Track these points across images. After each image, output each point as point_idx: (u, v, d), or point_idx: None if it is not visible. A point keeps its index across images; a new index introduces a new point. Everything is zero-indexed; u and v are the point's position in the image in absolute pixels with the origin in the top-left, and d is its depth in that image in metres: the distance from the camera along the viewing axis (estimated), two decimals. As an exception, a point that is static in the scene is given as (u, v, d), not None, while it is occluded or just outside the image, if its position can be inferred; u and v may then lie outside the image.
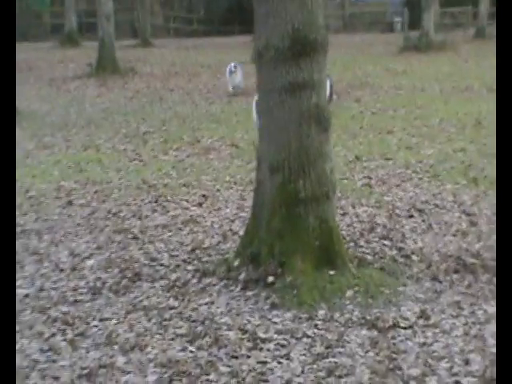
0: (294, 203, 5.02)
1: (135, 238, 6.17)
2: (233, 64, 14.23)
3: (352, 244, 5.68)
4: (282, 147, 5.06)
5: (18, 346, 4.24)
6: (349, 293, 4.75)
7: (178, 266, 5.47)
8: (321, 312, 4.56)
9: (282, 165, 5.05)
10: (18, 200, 7.45)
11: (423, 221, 6.34)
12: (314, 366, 3.93)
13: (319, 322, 4.44)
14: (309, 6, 5.00)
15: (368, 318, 4.45)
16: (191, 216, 6.75)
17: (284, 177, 5.04)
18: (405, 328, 4.31)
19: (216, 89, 15.49)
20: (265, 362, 4.00)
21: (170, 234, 6.26)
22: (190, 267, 5.41)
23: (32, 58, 21.97)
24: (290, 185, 5.03)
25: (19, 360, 4.08)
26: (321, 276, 4.89)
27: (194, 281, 5.14)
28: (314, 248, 4.99)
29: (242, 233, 5.88)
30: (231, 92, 14.29)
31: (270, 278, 4.88)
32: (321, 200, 5.06)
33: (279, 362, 4.00)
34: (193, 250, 5.78)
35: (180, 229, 6.39)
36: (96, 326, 4.49)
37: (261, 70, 5.19)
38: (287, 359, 4.03)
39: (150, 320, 4.56)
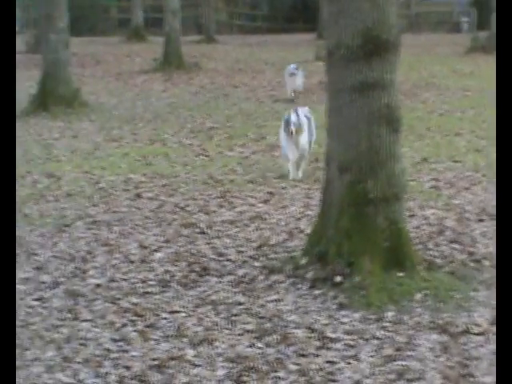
0: (363, 203, 5.00)
1: (202, 232, 6.22)
2: (292, 66, 13.47)
3: (420, 246, 5.61)
4: (352, 147, 5.04)
5: (91, 335, 4.34)
6: (418, 296, 4.71)
7: (244, 261, 5.50)
8: (389, 314, 4.52)
9: (351, 164, 5.03)
10: (89, 191, 7.62)
11: (494, 225, 6.23)
12: (384, 369, 3.90)
13: (388, 324, 4.41)
14: (381, 4, 4.96)
15: (438, 322, 4.39)
16: (257, 213, 6.78)
17: (353, 176, 5.02)
18: (477, 334, 4.24)
19: (280, 86, 15.47)
20: (333, 362, 3.98)
21: (236, 229, 6.30)
22: (256, 264, 5.43)
23: (100, 52, 22.34)
24: (360, 185, 5.00)
25: (92, 348, 4.18)
26: (389, 277, 4.85)
27: (261, 277, 5.16)
28: (382, 249, 4.96)
29: (308, 231, 5.87)
30: (290, 96, 13.47)
31: (338, 278, 4.87)
32: (390, 201, 5.03)
33: (348, 363, 3.98)
34: (259, 247, 5.80)
35: (246, 225, 6.43)
36: (165, 319, 4.55)
37: (330, 69, 5.18)
38: (356, 360, 4.01)
39: (218, 314, 4.60)
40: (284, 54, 21.87)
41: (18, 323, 4.52)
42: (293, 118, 7.85)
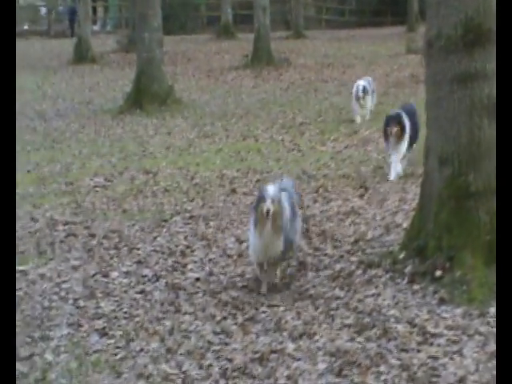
0: (463, 196, 4.90)
1: (298, 227, 6.23)
2: (361, 86, 10.89)
3: (523, 241, 5.45)
4: (452, 139, 4.95)
5: (193, 327, 4.41)
6: (522, 291, 4.57)
7: (341, 256, 5.48)
8: (493, 309, 4.41)
9: (451, 157, 4.93)
10: (185, 187, 7.75)
11: None
12: (489, 365, 3.81)
13: (492, 320, 4.30)
14: (483, -7, 4.86)
15: (545, 318, 4.26)
16: (352, 207, 6.74)
17: (453, 169, 4.92)
18: None
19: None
20: (436, 358, 3.92)
21: (331, 224, 6.28)
22: (353, 258, 5.40)
23: (190, 50, 22.69)
24: (460, 177, 4.90)
25: (195, 340, 4.24)
26: (491, 272, 4.72)
27: (359, 272, 5.12)
28: (484, 243, 4.84)
29: (405, 225, 5.80)
30: (358, 122, 10.86)
31: (438, 272, 4.78)
32: (493, 194, 4.91)
33: (451, 359, 3.91)
34: (356, 242, 5.76)
35: (342, 220, 6.39)
36: (264, 312, 4.58)
37: (430, 61, 5.09)
38: (460, 356, 3.93)
39: (316, 309, 4.60)
40: (374, 47, 21.67)
41: (122, 315, 4.66)
42: (270, 191, 4.82)
